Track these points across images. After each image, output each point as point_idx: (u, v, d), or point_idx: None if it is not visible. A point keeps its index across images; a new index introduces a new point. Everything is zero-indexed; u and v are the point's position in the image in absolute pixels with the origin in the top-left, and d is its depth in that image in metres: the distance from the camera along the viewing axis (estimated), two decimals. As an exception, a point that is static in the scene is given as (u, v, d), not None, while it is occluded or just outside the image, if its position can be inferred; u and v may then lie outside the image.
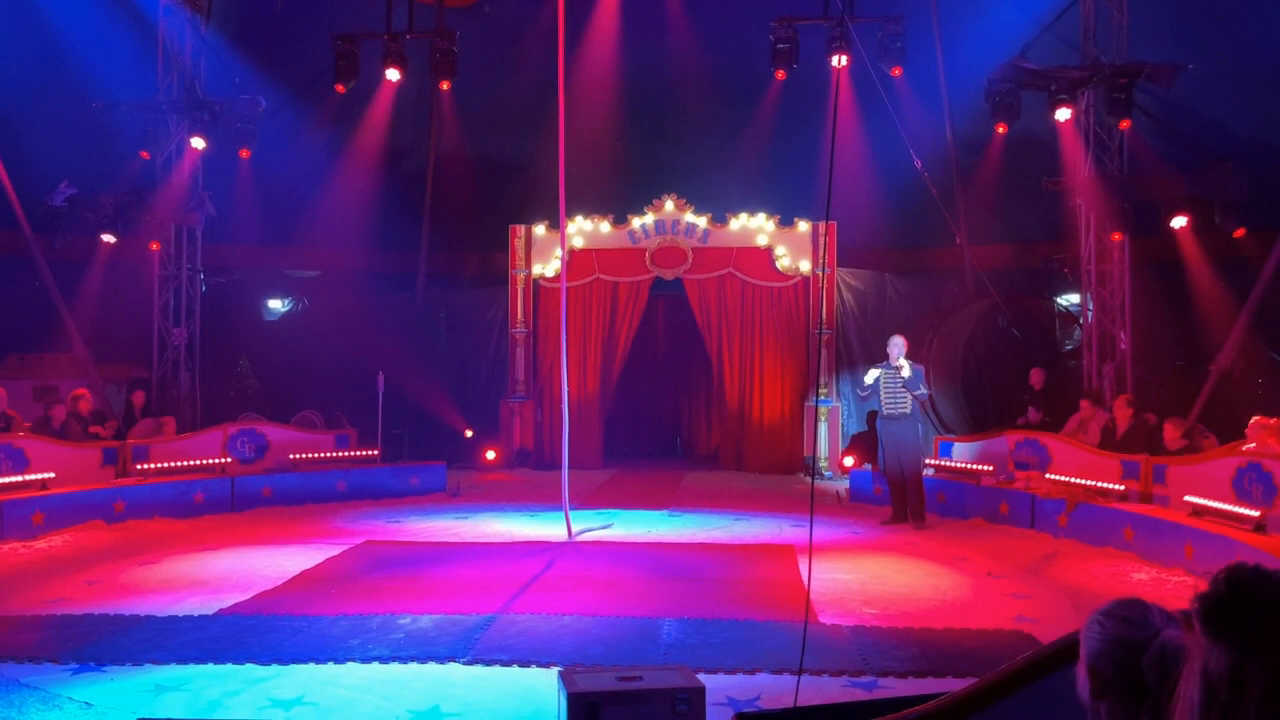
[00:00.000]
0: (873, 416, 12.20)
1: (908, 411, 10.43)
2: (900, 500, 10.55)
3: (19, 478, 10.01)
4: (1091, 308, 13.34)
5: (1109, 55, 12.52)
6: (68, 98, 13.57)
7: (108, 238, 13.54)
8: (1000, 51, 12.86)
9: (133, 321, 14.27)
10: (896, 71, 13.51)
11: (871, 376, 10.58)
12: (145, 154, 13.71)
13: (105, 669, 5.62)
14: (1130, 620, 1.77)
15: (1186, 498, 8.86)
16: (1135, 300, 13.00)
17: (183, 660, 5.74)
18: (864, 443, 13.06)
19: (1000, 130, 13.16)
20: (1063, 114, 12.63)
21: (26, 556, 8.89)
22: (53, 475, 10.26)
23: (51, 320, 13.23)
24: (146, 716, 4.73)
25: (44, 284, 12.91)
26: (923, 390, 10.50)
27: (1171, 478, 9.35)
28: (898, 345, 10.52)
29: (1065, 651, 2.45)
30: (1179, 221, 12.29)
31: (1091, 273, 13.27)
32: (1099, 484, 9.80)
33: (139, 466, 11.13)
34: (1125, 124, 12.39)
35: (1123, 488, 9.67)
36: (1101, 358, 13.14)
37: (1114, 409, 11.03)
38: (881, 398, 10.52)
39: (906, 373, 10.34)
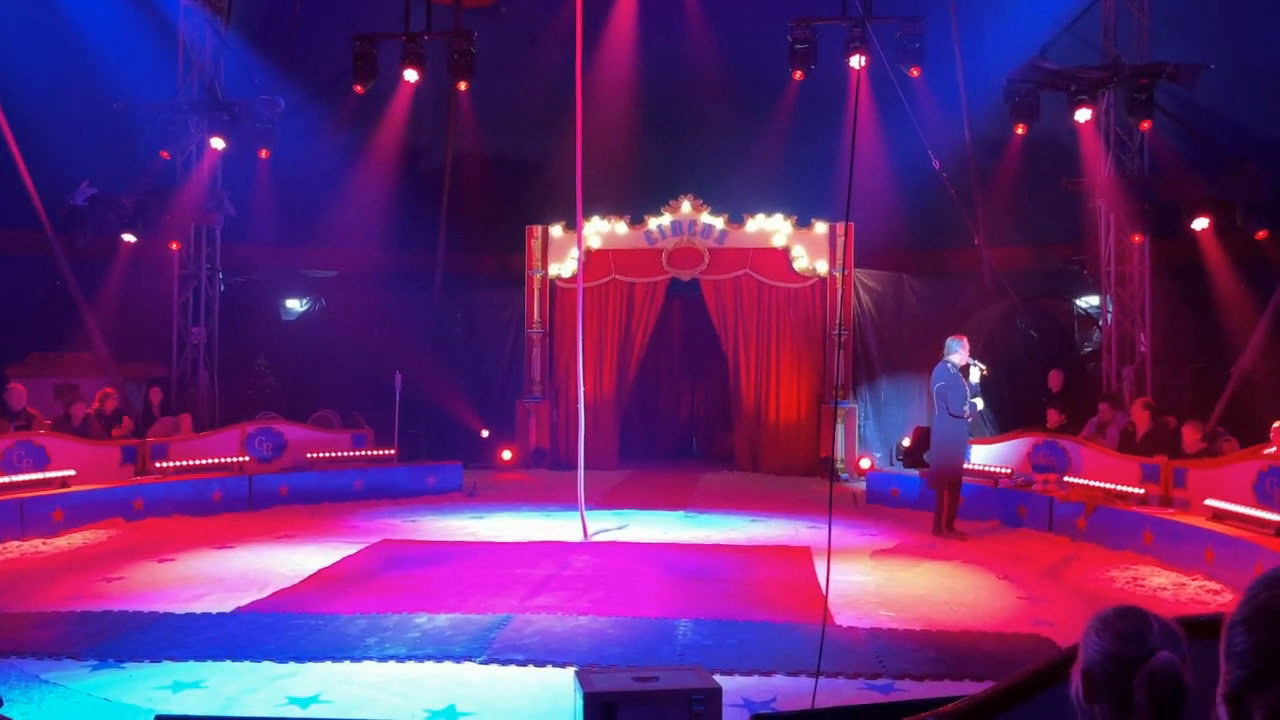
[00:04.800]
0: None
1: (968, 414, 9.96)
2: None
3: (40, 475, 10.09)
4: (1111, 310, 13.24)
5: (1130, 55, 12.43)
6: (89, 98, 13.68)
7: (128, 237, 13.64)
8: (1019, 52, 12.78)
9: (152, 320, 14.35)
10: (915, 72, 13.44)
11: (975, 377, 9.77)
12: (165, 154, 13.77)
13: (124, 666, 5.65)
14: (1127, 636, 1.76)
15: (1207, 501, 8.78)
16: (1155, 302, 12.90)
17: (200, 658, 5.77)
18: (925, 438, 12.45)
19: (1019, 131, 13.07)
20: (1083, 114, 12.54)
21: (47, 553, 8.97)
22: (73, 473, 10.33)
23: (72, 319, 13.33)
24: (165, 713, 4.75)
25: (65, 283, 13.01)
26: (979, 396, 9.98)
27: (1192, 481, 9.26)
28: (965, 345, 9.91)
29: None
30: (1200, 223, 12.19)
31: (1111, 274, 13.18)
32: (1118, 487, 9.73)
33: (158, 465, 11.20)
34: (1146, 125, 12.29)
35: (1142, 491, 9.59)
36: (1121, 360, 13.04)
37: (1133, 411, 10.94)
38: (950, 401, 9.74)
39: (976, 377, 9.81)
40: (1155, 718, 1.67)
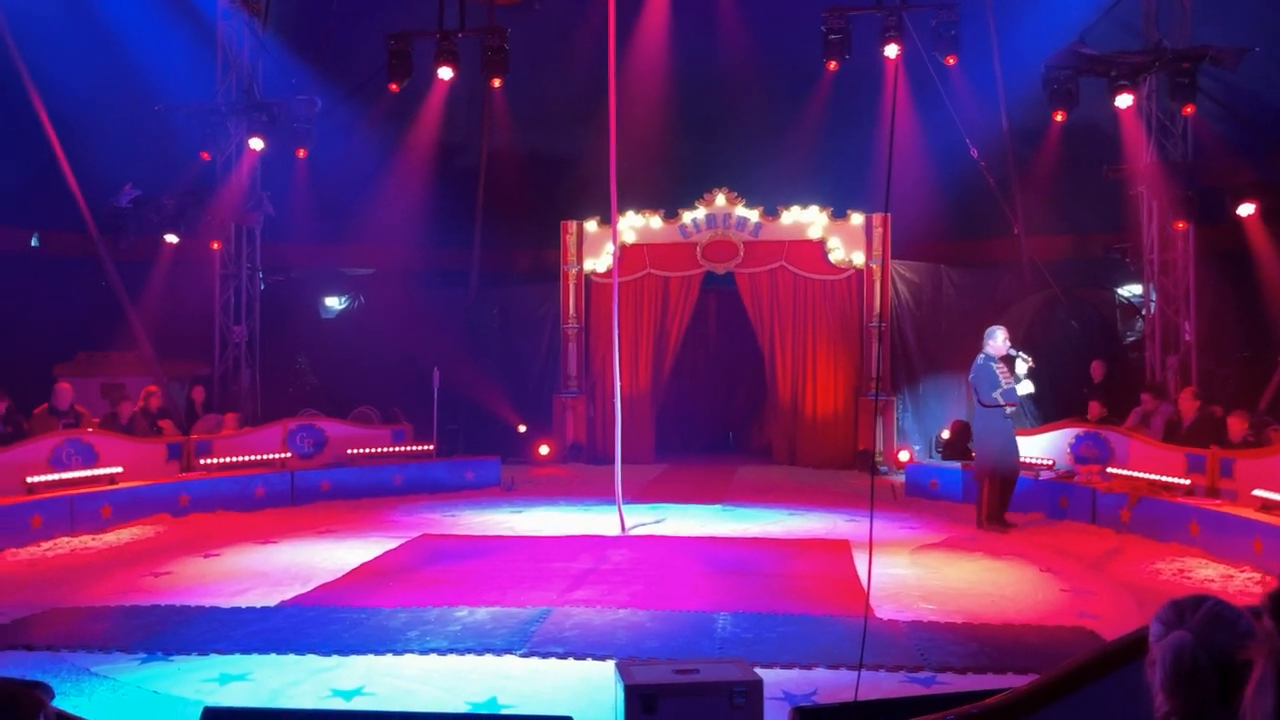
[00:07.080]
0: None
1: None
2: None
3: (89, 472, 10.28)
4: (1155, 298, 13.04)
5: (1171, 39, 12.22)
6: (131, 102, 13.91)
7: (170, 238, 13.85)
8: (1058, 37, 12.60)
9: (195, 319, 14.59)
10: (951, 60, 13.29)
11: (1022, 370, 9.60)
12: (206, 155, 13.99)
13: (172, 658, 5.75)
14: (1164, 621, 1.76)
15: (1255, 492, 8.62)
16: (1200, 290, 12.69)
17: (246, 650, 5.86)
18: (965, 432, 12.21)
19: (1058, 118, 12.87)
20: (1124, 100, 12.34)
21: (96, 549, 9.14)
22: (120, 470, 10.52)
23: (117, 319, 13.57)
24: (212, 705, 4.83)
25: (110, 284, 13.25)
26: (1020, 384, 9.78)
27: (1239, 471, 9.11)
28: (999, 334, 9.73)
29: (1130, 648, 2.40)
30: (1246, 209, 11.97)
31: (1154, 262, 12.97)
32: (1163, 478, 9.58)
33: (202, 461, 11.38)
34: (1189, 109, 12.08)
35: (1188, 482, 9.43)
36: (1165, 349, 12.85)
37: (1179, 401, 10.78)
38: (979, 392, 9.60)
39: (1022, 369, 9.63)
40: (1179, 700, 1.66)
